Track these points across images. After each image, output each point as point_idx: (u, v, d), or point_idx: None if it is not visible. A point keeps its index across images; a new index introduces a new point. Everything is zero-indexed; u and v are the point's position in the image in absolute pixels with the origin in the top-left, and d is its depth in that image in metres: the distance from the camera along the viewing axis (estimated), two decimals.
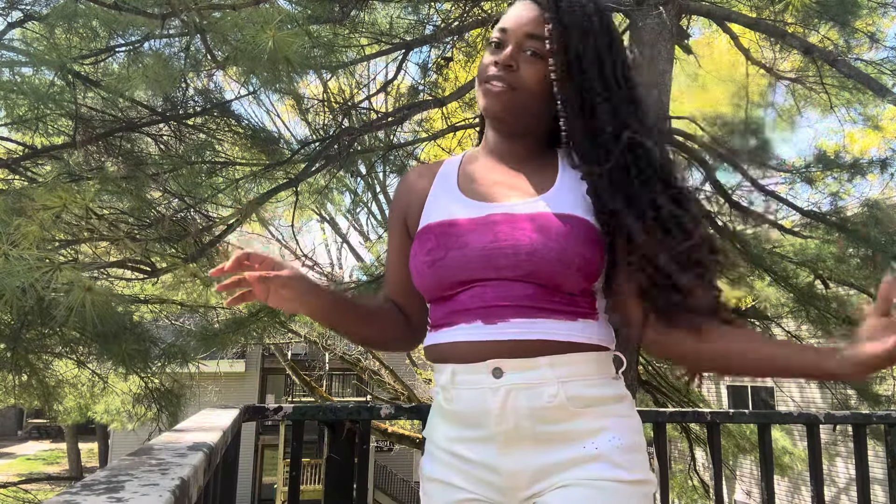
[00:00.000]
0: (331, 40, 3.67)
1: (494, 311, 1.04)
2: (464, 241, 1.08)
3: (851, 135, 9.37)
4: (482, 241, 1.07)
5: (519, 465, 1.02)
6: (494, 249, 1.06)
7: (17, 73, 3.39)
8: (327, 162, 4.72)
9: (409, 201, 1.22)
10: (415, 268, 1.12)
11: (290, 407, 1.79)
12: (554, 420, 1.02)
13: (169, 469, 0.54)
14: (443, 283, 1.09)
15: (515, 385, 1.02)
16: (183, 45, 3.69)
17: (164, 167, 3.90)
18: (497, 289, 1.05)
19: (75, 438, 18.66)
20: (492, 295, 1.05)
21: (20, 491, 8.56)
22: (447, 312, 1.09)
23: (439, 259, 1.08)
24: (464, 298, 1.07)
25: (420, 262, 1.11)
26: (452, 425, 1.08)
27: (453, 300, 1.08)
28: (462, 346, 1.06)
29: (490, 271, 1.05)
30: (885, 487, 2.17)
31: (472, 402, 1.04)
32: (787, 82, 6.72)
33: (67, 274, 2.57)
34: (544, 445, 1.02)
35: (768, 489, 2.06)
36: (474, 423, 1.05)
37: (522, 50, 1.10)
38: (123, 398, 5.33)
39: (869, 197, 5.70)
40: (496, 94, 1.10)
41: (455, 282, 1.08)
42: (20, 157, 3.89)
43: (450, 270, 1.07)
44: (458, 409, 1.06)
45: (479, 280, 1.06)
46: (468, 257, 1.06)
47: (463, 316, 1.06)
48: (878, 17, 6.28)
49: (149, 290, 5.35)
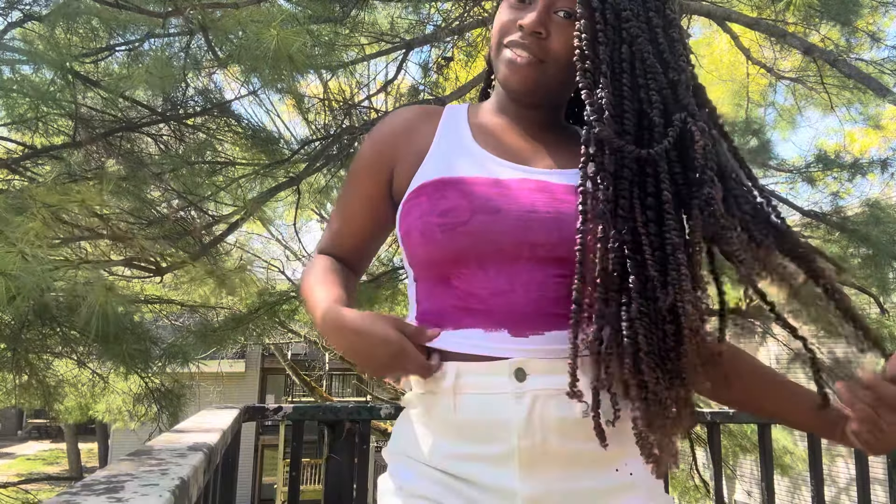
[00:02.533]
0: (331, 40, 3.67)
1: (528, 319, 0.84)
2: (495, 204, 0.86)
3: (852, 134, 9.36)
4: (518, 207, 0.86)
5: (542, 489, 0.83)
6: (535, 220, 0.85)
7: (17, 73, 3.38)
8: (328, 161, 4.72)
9: (404, 144, 0.98)
10: (418, 228, 0.88)
11: (290, 407, 1.79)
12: (587, 436, 0.81)
13: (169, 469, 0.54)
14: (460, 254, 0.86)
15: (543, 391, 0.82)
16: (183, 44, 3.70)
17: (165, 167, 3.90)
18: (529, 278, 0.85)
19: (75, 438, 18.65)
20: (522, 293, 0.84)
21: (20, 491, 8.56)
22: (454, 305, 0.87)
23: (461, 223, 0.85)
24: (481, 290, 0.85)
25: (430, 223, 0.87)
26: (453, 439, 0.86)
27: (463, 283, 0.86)
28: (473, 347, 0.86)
29: (524, 248, 0.85)
30: (885, 487, 2.17)
31: (487, 410, 0.84)
32: (788, 82, 6.72)
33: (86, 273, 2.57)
34: (573, 468, 0.84)
35: (769, 489, 2.06)
36: (487, 438, 0.84)
37: (553, 11, 0.91)
38: (124, 397, 5.33)
39: (869, 196, 5.70)
40: (522, 68, 0.92)
41: (477, 254, 0.85)
42: (20, 157, 3.89)
43: (473, 239, 0.85)
44: (466, 419, 0.85)
45: (507, 258, 0.85)
46: (500, 225, 0.85)
47: (482, 318, 0.85)
48: (879, 17, 6.28)
49: (149, 289, 5.35)
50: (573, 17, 0.89)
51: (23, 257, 2.28)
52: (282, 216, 8.39)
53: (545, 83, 0.94)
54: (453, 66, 5.83)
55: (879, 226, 4.88)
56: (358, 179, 1.02)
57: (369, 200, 1.01)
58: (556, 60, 0.91)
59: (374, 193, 1.00)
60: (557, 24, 0.91)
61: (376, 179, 1.00)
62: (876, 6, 5.87)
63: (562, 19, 0.90)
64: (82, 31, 3.54)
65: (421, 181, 0.92)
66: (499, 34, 0.95)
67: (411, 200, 0.92)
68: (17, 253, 2.27)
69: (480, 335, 0.85)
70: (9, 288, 2.23)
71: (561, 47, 0.90)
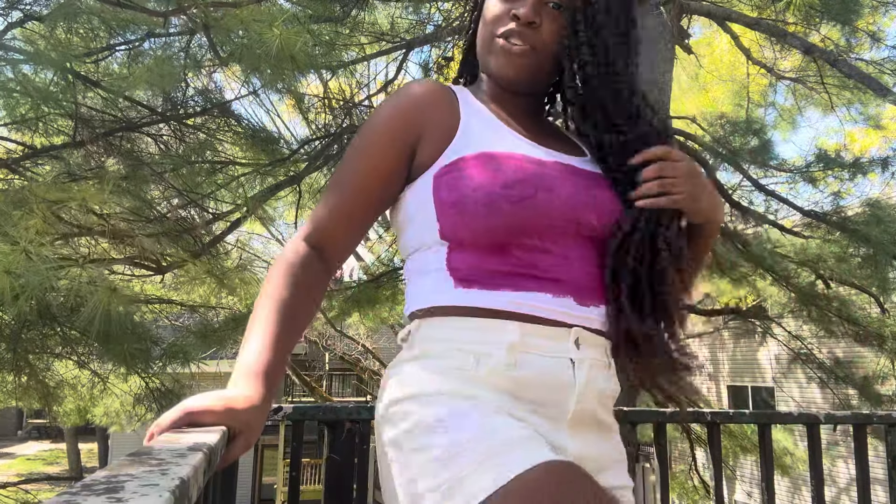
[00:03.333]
0: (331, 39, 3.67)
1: (588, 290, 0.91)
2: (550, 184, 0.90)
3: (852, 134, 9.37)
4: (568, 189, 0.91)
5: (585, 450, 0.90)
6: (581, 203, 0.91)
7: (17, 73, 3.38)
8: (328, 161, 4.72)
9: (430, 116, 0.96)
10: (478, 199, 0.88)
11: (290, 407, 1.79)
12: (609, 409, 0.96)
13: (169, 469, 0.53)
14: (525, 225, 0.88)
15: (596, 361, 0.91)
16: (183, 44, 3.70)
17: (165, 167, 3.90)
18: (581, 254, 0.91)
19: (75, 439, 18.66)
20: (578, 266, 0.91)
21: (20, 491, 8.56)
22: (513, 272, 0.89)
23: (527, 197, 0.88)
24: (542, 259, 0.89)
25: (494, 193, 0.88)
26: (508, 396, 0.87)
27: (521, 252, 0.89)
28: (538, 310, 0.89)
29: (572, 226, 0.91)
30: (885, 487, 2.16)
31: (549, 372, 0.87)
32: (788, 82, 6.72)
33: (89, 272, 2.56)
34: (600, 432, 0.94)
35: (769, 489, 2.05)
36: (545, 398, 0.88)
37: (545, 1, 0.96)
38: (123, 400, 5.33)
39: (870, 196, 5.70)
40: (517, 57, 0.96)
41: (538, 227, 0.89)
42: (20, 157, 3.89)
43: (536, 213, 0.88)
44: (526, 377, 0.87)
45: (560, 234, 0.90)
46: (555, 202, 0.89)
47: (549, 284, 0.89)
48: (879, 17, 6.28)
49: (149, 289, 5.35)
50: (562, 8, 0.96)
51: (27, 256, 2.28)
52: (282, 216, 8.40)
53: (537, 71, 0.99)
54: (453, 65, 5.82)
55: (880, 226, 4.88)
56: (374, 151, 0.97)
57: (387, 173, 0.96)
58: (546, 49, 0.97)
59: (392, 166, 0.96)
60: (548, 14, 0.96)
61: (397, 152, 0.96)
62: (876, 6, 5.87)
63: (552, 10, 0.96)
64: (83, 30, 3.54)
65: (460, 154, 0.92)
66: (491, 25, 0.98)
67: (451, 173, 0.91)
68: (21, 251, 2.26)
69: (548, 299, 0.89)
70: (13, 286, 2.22)
71: (551, 37, 0.96)
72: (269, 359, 0.86)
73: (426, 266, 0.95)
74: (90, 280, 2.55)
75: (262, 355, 0.86)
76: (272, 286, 0.92)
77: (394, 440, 0.88)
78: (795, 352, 7.01)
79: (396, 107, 0.98)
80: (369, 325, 10.48)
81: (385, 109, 0.99)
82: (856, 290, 5.78)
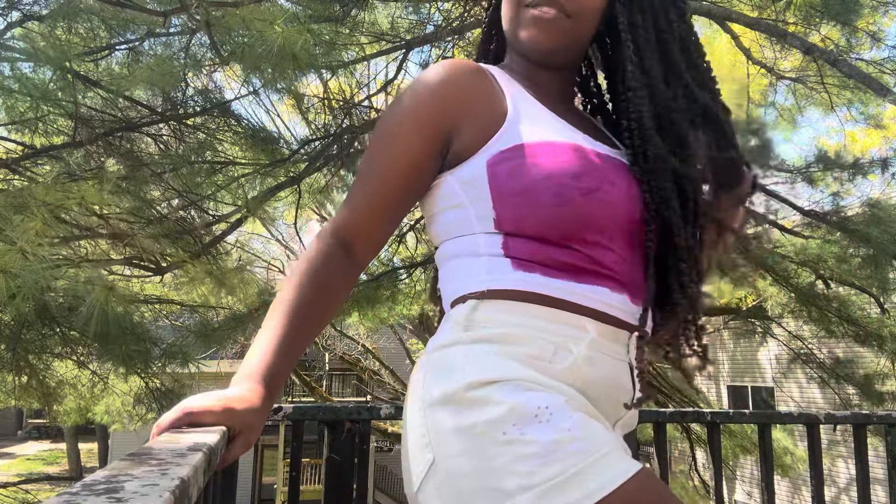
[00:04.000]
0: (332, 39, 3.67)
1: (639, 288, 0.88)
2: (611, 176, 0.87)
3: (852, 134, 9.36)
4: (622, 181, 0.88)
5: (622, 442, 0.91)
6: (633, 196, 0.88)
7: (17, 73, 3.38)
8: (328, 161, 4.72)
9: (471, 101, 0.90)
10: (549, 189, 0.84)
11: (290, 407, 1.78)
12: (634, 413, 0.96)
13: (169, 469, 0.53)
14: (592, 220, 0.85)
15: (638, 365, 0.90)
16: (183, 43, 3.70)
17: (165, 167, 3.90)
18: (631, 251, 0.89)
19: (75, 439, 18.66)
20: (630, 262, 0.88)
21: (20, 491, 8.56)
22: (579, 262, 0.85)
23: (595, 189, 0.84)
24: (603, 255, 0.86)
25: (565, 184, 0.84)
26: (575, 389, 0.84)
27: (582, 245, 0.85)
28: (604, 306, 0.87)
29: (626, 222, 0.87)
30: (885, 487, 2.16)
31: (613, 374, 0.87)
32: (788, 82, 6.72)
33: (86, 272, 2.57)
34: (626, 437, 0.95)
35: (769, 489, 2.05)
36: (607, 397, 0.87)
37: None
38: (124, 399, 5.33)
39: (870, 196, 5.70)
40: (550, 23, 0.89)
41: (602, 221, 0.85)
42: (20, 157, 3.89)
43: (602, 207, 0.85)
44: (597, 377, 0.85)
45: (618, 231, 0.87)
46: (616, 197, 0.86)
47: (608, 280, 0.86)
48: (879, 17, 6.27)
49: (149, 289, 5.34)
50: None
51: (23, 255, 2.28)
52: (282, 216, 8.39)
53: (573, 40, 0.92)
54: None
55: (880, 226, 4.87)
56: (405, 137, 0.91)
57: (421, 160, 0.91)
58: (581, 16, 0.90)
59: (427, 153, 0.90)
60: None
61: (431, 138, 0.90)
62: (876, 6, 5.86)
63: None
64: (82, 30, 3.54)
65: (518, 140, 0.87)
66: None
67: (512, 160, 0.86)
68: (18, 251, 2.26)
69: (607, 294, 0.86)
70: (9, 286, 2.22)
71: (591, 2, 0.90)
72: (273, 360, 0.84)
73: (475, 249, 0.89)
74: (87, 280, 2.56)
75: (266, 357, 0.84)
76: (288, 285, 0.89)
77: (468, 428, 0.79)
78: (795, 352, 7.01)
79: (429, 90, 0.91)
80: (368, 326, 10.48)
81: (416, 93, 0.92)
82: (856, 290, 5.78)
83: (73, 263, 2.53)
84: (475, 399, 0.80)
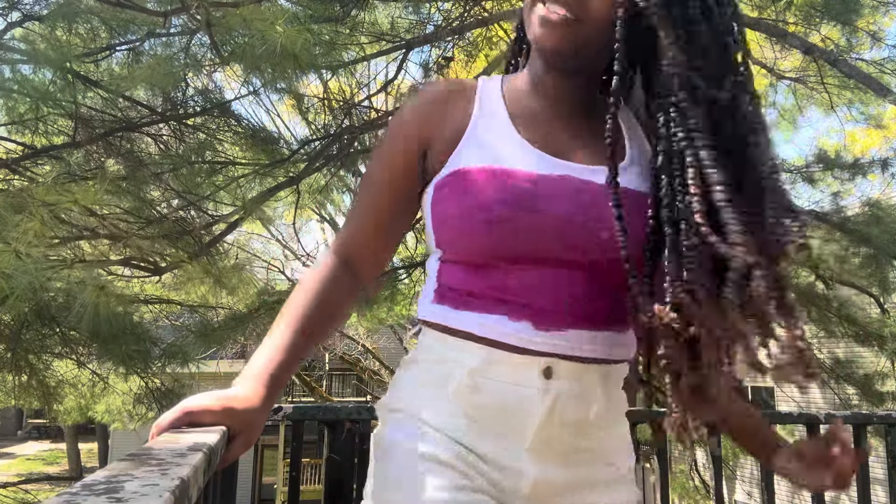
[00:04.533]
0: (332, 39, 3.67)
1: (549, 315, 0.84)
2: (535, 205, 0.84)
3: (853, 134, 9.36)
4: (560, 210, 0.84)
5: (549, 476, 0.87)
6: (575, 224, 0.84)
7: (16, 73, 3.38)
8: (328, 161, 4.72)
9: (439, 120, 0.92)
10: (459, 217, 0.86)
11: (290, 407, 1.79)
12: (591, 434, 0.89)
13: (169, 469, 0.53)
14: (500, 250, 0.84)
15: (565, 391, 0.85)
16: (183, 43, 3.70)
17: (165, 167, 3.90)
18: (556, 278, 0.84)
19: (75, 438, 18.65)
20: (550, 289, 0.84)
21: (20, 491, 8.56)
22: (485, 290, 0.86)
23: (505, 219, 0.83)
24: (514, 284, 0.85)
25: (472, 217, 0.84)
26: (468, 417, 0.87)
27: (497, 272, 0.86)
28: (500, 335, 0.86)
29: (558, 248, 0.84)
30: (885, 487, 2.16)
31: (511, 401, 0.85)
32: (789, 82, 6.72)
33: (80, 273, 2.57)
34: (576, 459, 0.89)
35: (769, 489, 2.05)
36: (504, 425, 0.86)
37: None
38: (124, 398, 5.33)
39: (870, 196, 5.71)
40: (557, 25, 0.85)
41: (514, 253, 0.84)
42: (20, 157, 3.89)
43: (515, 238, 0.83)
44: (487, 404, 0.86)
45: (543, 257, 0.84)
46: (540, 226, 0.83)
47: (508, 308, 0.85)
48: (879, 17, 6.27)
49: (149, 289, 5.34)
50: None
51: (17, 256, 2.28)
52: (281, 216, 8.39)
53: (581, 45, 0.87)
54: (453, 65, 5.83)
55: (880, 225, 4.88)
56: (385, 157, 0.97)
57: (399, 179, 0.95)
58: (594, 20, 0.85)
59: (403, 172, 0.95)
60: None
61: (406, 157, 0.94)
62: (876, 6, 5.86)
63: None
64: (82, 30, 3.54)
65: (458, 166, 0.88)
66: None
67: (447, 186, 0.88)
68: (12, 252, 2.26)
69: (504, 322, 0.85)
70: (2, 287, 2.22)
71: (601, 4, 0.85)
72: (275, 364, 0.89)
73: (430, 272, 0.95)
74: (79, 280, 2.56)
75: (268, 360, 0.90)
76: (295, 296, 0.96)
77: (378, 441, 0.95)
78: None
79: (408, 110, 0.97)
80: (367, 326, 10.48)
81: (399, 114, 0.99)
82: (856, 290, 5.78)
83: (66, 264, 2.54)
84: (385, 420, 0.95)
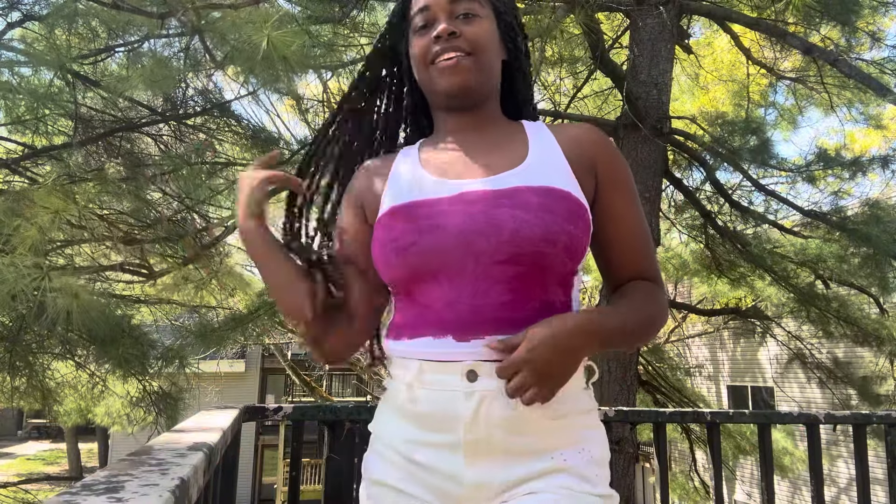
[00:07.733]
0: (331, 40, 3.67)
1: (468, 326, 0.93)
2: (436, 223, 0.95)
3: (852, 134, 9.37)
4: (458, 222, 0.94)
5: (485, 477, 0.93)
6: (473, 231, 0.93)
7: (16, 74, 3.38)
8: None
9: (367, 186, 1.09)
10: (381, 257, 0.99)
11: (290, 407, 1.79)
12: (527, 431, 0.93)
13: (169, 469, 0.53)
14: (414, 272, 0.95)
15: (490, 391, 0.92)
16: (182, 45, 3.69)
17: (164, 167, 3.90)
18: (474, 287, 0.93)
19: (75, 439, 18.65)
20: (467, 301, 0.93)
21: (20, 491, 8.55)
22: (415, 318, 0.97)
23: (411, 244, 0.95)
24: (435, 302, 0.95)
25: (387, 249, 0.97)
26: (413, 427, 0.97)
27: (423, 297, 0.96)
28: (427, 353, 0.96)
29: (468, 258, 0.93)
30: (885, 487, 2.16)
31: (441, 405, 0.94)
32: (788, 82, 6.72)
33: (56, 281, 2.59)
34: (514, 458, 0.93)
35: (768, 490, 2.05)
36: (439, 428, 0.94)
37: (454, 16, 1.04)
38: (123, 401, 5.32)
39: (870, 196, 5.70)
40: (459, 66, 1.01)
41: (427, 271, 0.94)
42: (20, 157, 3.89)
43: (423, 258, 0.94)
44: (424, 411, 0.95)
45: (455, 270, 0.93)
46: (443, 242, 0.94)
47: (432, 328, 0.95)
48: (879, 17, 6.28)
49: (149, 291, 5.34)
50: (471, 16, 1.04)
51: None
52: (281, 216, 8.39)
53: (483, 72, 1.05)
54: None
55: (880, 225, 4.88)
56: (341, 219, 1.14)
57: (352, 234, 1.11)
58: (482, 47, 1.04)
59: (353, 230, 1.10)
60: (462, 22, 1.04)
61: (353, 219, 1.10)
62: (876, 6, 5.87)
63: (465, 20, 1.04)
64: (82, 31, 3.54)
65: (379, 214, 1.03)
66: (421, 58, 1.05)
67: (376, 234, 1.02)
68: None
69: (429, 342, 0.95)
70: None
71: (479, 35, 1.04)
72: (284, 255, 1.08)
73: None
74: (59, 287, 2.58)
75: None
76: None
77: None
78: (795, 352, 7.01)
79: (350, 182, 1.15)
80: None
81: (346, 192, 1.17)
82: (855, 290, 5.78)
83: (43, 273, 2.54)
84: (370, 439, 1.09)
